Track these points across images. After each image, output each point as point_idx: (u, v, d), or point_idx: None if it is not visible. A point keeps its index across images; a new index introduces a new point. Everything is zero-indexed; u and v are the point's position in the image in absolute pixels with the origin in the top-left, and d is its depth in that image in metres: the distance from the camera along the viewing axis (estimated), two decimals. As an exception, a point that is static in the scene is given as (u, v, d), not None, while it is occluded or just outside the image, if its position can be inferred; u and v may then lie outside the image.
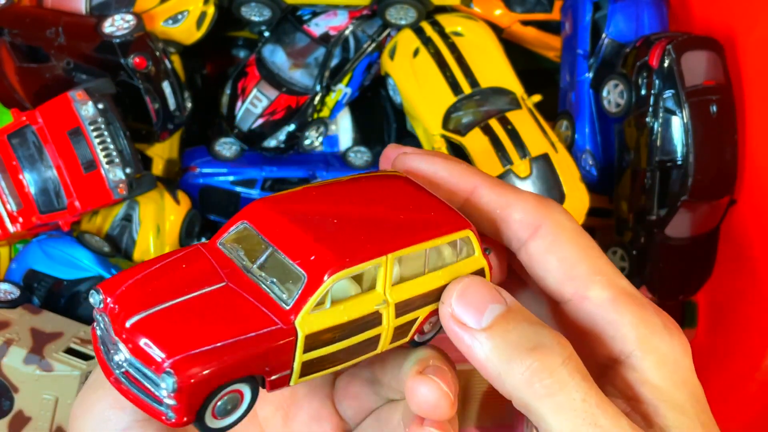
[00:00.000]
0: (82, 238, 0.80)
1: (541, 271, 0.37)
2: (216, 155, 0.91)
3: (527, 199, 0.38)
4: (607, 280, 0.37)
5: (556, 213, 0.38)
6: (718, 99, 0.79)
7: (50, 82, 0.82)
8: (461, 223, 0.36)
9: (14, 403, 0.69)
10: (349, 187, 0.38)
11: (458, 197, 0.39)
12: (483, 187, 0.38)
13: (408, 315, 0.35)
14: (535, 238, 0.37)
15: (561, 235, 0.37)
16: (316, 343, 0.32)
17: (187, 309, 0.32)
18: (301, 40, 0.91)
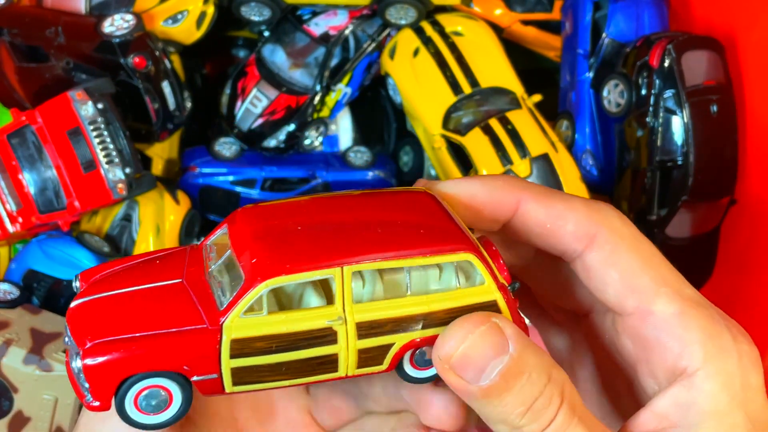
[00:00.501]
0: (81, 238, 0.80)
1: (600, 284, 0.35)
2: (216, 155, 0.91)
3: (578, 207, 0.36)
4: (673, 292, 0.35)
5: (612, 219, 0.36)
6: (719, 99, 0.78)
7: (50, 81, 0.81)
8: (460, 246, 0.32)
9: (14, 403, 0.69)
10: (353, 199, 0.35)
11: (502, 215, 0.36)
12: (528, 200, 0.36)
13: (376, 339, 0.32)
14: (591, 249, 0.35)
15: (620, 244, 0.35)
16: (247, 349, 0.31)
17: (127, 299, 0.32)
18: (301, 39, 0.91)
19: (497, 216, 0.36)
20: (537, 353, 0.32)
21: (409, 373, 0.34)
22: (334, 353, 0.32)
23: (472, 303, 0.33)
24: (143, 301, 0.32)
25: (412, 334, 0.32)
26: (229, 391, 0.32)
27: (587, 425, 0.32)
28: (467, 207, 0.36)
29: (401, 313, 0.32)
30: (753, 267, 0.81)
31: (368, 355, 0.32)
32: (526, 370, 0.32)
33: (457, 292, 0.33)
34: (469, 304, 0.33)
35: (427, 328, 0.32)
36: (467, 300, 0.33)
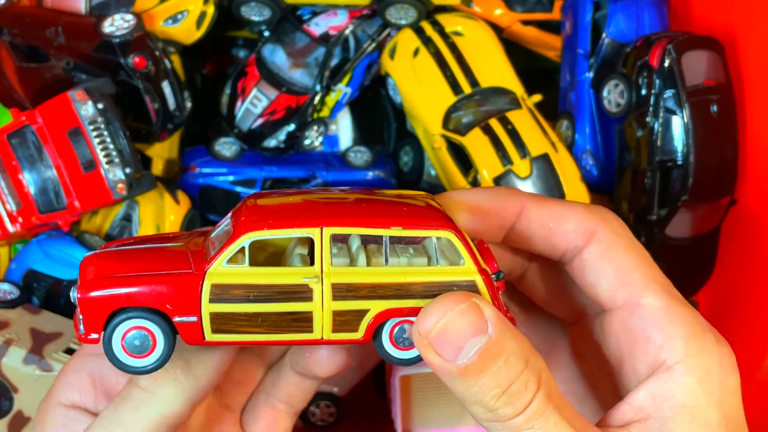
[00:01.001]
0: (81, 238, 0.80)
1: (594, 277, 0.37)
2: (216, 155, 0.91)
3: (578, 209, 0.38)
4: (661, 289, 0.37)
5: (610, 219, 0.38)
6: (719, 99, 0.78)
7: (50, 81, 0.81)
8: (441, 224, 0.34)
9: (14, 403, 0.69)
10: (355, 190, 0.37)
11: (507, 219, 0.38)
12: (531, 204, 0.38)
13: (352, 302, 0.33)
14: (591, 244, 0.37)
15: (616, 242, 0.37)
16: (225, 295, 0.33)
17: (131, 253, 0.35)
18: (301, 39, 0.91)
19: (502, 220, 0.38)
20: (516, 338, 0.33)
21: (389, 351, 0.35)
22: (309, 311, 0.34)
23: (450, 280, 0.33)
24: (143, 255, 0.35)
25: (387, 303, 0.33)
26: (209, 339, 0.34)
27: (563, 413, 0.33)
28: (474, 212, 0.38)
29: (377, 280, 0.33)
30: (753, 267, 0.81)
31: (343, 318, 0.34)
32: (503, 352, 0.32)
33: (436, 268, 0.34)
34: (446, 281, 0.33)
35: (402, 299, 0.33)
36: (445, 277, 0.34)
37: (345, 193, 0.37)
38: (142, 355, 0.34)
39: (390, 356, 0.35)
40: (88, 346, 0.39)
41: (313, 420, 0.84)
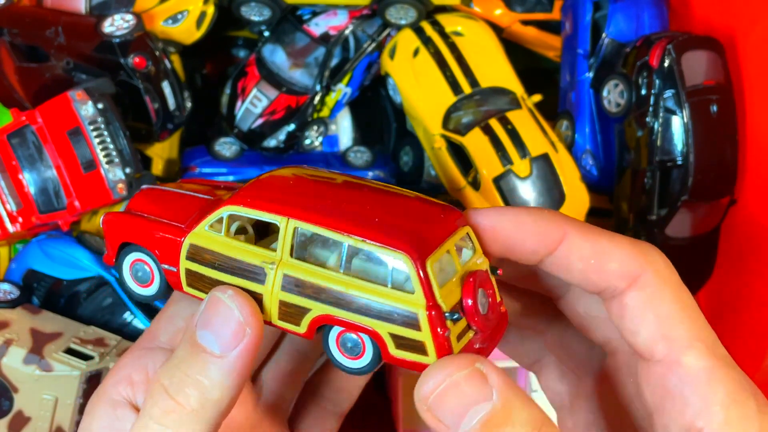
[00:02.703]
0: (81, 238, 0.80)
1: (634, 326, 0.34)
2: (216, 155, 0.91)
3: (624, 246, 0.35)
4: (706, 348, 0.34)
5: (657, 262, 0.35)
6: (719, 99, 0.78)
7: (50, 81, 0.81)
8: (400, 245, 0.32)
9: (14, 403, 0.69)
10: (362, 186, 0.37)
11: (546, 247, 0.35)
12: (574, 234, 0.35)
13: (297, 297, 0.33)
14: (633, 288, 0.34)
15: (662, 289, 0.34)
16: (197, 256, 0.35)
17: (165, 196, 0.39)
18: (301, 39, 0.91)
19: (541, 247, 0.35)
20: (525, 405, 0.31)
21: (335, 356, 0.34)
22: (260, 293, 0.34)
23: (391, 306, 0.32)
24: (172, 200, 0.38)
25: (326, 308, 0.33)
26: (185, 290, 0.36)
27: None
28: (511, 235, 0.35)
29: (322, 283, 0.33)
30: (753, 267, 0.81)
31: (288, 310, 0.34)
32: (509, 422, 0.30)
33: (384, 289, 0.32)
34: (387, 305, 0.32)
35: (341, 309, 0.33)
36: (388, 301, 0.32)
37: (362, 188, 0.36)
38: (145, 284, 0.38)
39: (336, 361, 0.34)
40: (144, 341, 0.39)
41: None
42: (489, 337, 0.34)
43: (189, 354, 0.33)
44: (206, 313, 0.33)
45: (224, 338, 0.33)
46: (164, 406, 0.33)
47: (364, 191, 0.36)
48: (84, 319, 0.76)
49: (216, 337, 0.33)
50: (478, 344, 0.33)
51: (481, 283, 0.33)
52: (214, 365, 0.33)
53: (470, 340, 0.33)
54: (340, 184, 0.36)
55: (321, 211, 0.33)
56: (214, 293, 0.34)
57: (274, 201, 0.34)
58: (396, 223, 0.33)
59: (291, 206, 0.34)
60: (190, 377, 0.33)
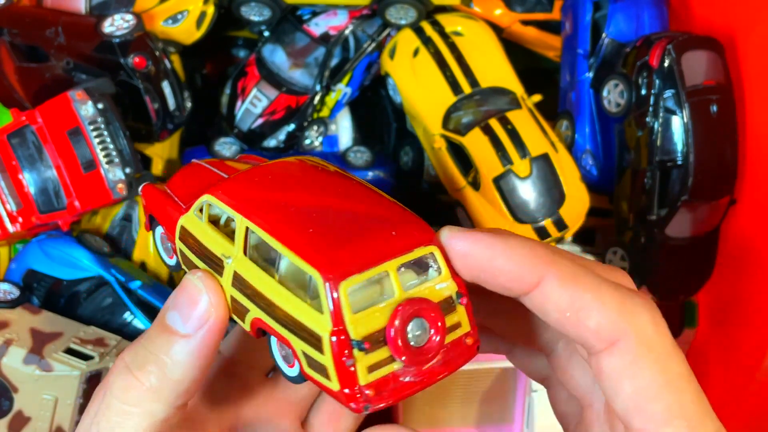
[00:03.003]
0: (81, 238, 0.80)
1: (610, 392, 0.31)
2: (215, 155, 0.91)
3: (606, 301, 0.31)
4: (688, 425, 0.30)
5: (643, 324, 0.31)
6: (719, 99, 0.78)
7: (50, 81, 0.81)
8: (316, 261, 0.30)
9: (14, 403, 0.68)
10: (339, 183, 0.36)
11: (519, 289, 0.32)
12: (552, 281, 0.31)
13: (241, 296, 0.33)
14: (611, 353, 0.30)
15: (643, 357, 0.30)
16: (184, 239, 0.36)
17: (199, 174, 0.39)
18: (301, 39, 0.91)
19: (514, 287, 0.32)
20: None
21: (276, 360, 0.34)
22: (221, 285, 0.34)
23: (302, 322, 0.31)
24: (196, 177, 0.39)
25: (259, 312, 0.33)
26: (183, 268, 0.37)
27: None
28: (483, 269, 0.32)
29: (258, 286, 0.32)
30: (753, 267, 0.81)
31: (236, 305, 0.34)
32: None
33: (302, 304, 0.31)
34: (299, 321, 0.31)
35: (268, 315, 0.32)
36: (301, 316, 0.31)
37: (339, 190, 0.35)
38: (170, 256, 0.39)
39: (277, 364, 0.34)
40: None
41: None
42: (429, 371, 0.31)
43: (155, 333, 0.33)
44: (176, 293, 0.33)
45: (189, 318, 0.33)
46: (124, 383, 0.33)
47: (338, 194, 0.34)
48: (84, 319, 0.76)
49: (182, 317, 0.33)
50: (409, 377, 0.31)
51: (419, 311, 0.31)
52: (177, 345, 0.32)
53: (394, 372, 0.31)
54: (321, 183, 0.35)
55: (270, 214, 0.32)
56: (186, 276, 0.34)
57: (239, 197, 0.34)
58: (333, 235, 0.31)
59: (249, 205, 0.33)
60: (153, 355, 0.33)
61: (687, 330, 0.90)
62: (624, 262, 0.86)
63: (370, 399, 0.30)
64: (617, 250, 0.87)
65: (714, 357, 0.85)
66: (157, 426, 0.33)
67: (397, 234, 0.32)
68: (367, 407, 0.30)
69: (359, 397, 0.30)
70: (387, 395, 0.30)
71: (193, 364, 0.33)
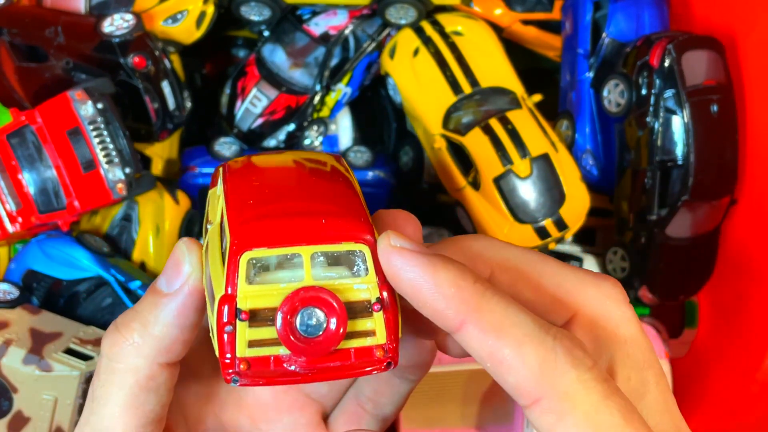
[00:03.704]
0: (81, 238, 0.80)
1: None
2: (215, 155, 0.91)
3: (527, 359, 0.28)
4: None
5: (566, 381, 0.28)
6: (719, 99, 0.78)
7: (49, 81, 0.81)
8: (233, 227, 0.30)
9: (13, 404, 0.68)
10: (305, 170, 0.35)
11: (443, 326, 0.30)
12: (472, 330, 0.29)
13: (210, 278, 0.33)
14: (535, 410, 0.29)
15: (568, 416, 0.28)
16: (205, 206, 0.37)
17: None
18: (301, 39, 0.91)
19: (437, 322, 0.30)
20: None
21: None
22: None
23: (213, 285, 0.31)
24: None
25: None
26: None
27: None
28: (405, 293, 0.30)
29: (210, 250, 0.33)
30: (753, 267, 0.81)
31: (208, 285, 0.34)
32: None
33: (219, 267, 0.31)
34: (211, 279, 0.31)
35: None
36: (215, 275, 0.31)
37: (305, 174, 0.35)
38: None
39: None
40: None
41: (313, 420, 0.84)
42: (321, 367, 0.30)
43: (145, 296, 0.35)
44: (168, 259, 0.35)
45: (171, 279, 0.34)
46: (111, 340, 0.34)
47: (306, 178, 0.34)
48: (84, 319, 0.76)
49: (167, 279, 0.34)
50: (294, 366, 0.30)
51: (320, 303, 0.29)
52: (160, 302, 0.34)
53: (278, 356, 0.30)
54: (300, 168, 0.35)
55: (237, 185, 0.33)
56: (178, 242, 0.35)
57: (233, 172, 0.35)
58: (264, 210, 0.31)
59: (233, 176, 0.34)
60: (138, 313, 0.34)
61: (687, 330, 0.90)
62: (624, 262, 0.86)
63: (243, 373, 0.30)
64: (617, 250, 0.87)
65: (714, 357, 0.85)
66: (142, 383, 0.34)
67: (326, 223, 0.31)
68: (235, 380, 0.30)
69: (231, 368, 0.29)
70: (262, 376, 0.30)
71: (174, 321, 0.34)
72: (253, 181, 0.33)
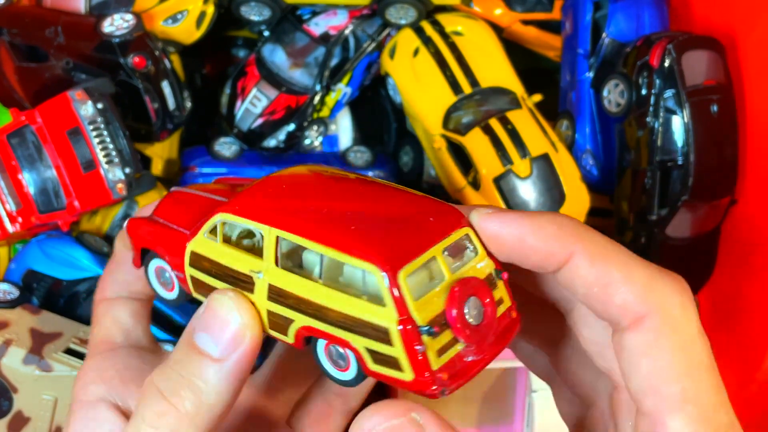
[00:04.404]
0: (81, 238, 0.80)
1: (627, 369, 0.31)
2: (215, 155, 0.91)
3: (635, 279, 0.31)
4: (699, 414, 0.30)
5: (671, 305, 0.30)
6: (719, 99, 0.78)
7: (49, 81, 0.81)
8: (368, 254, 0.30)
9: (13, 404, 0.68)
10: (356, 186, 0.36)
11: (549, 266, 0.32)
12: (580, 257, 0.31)
13: (281, 308, 0.32)
14: (634, 330, 0.30)
15: (666, 338, 0.30)
16: (198, 264, 0.35)
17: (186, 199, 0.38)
18: (301, 39, 0.91)
19: (544, 264, 0.32)
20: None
21: (325, 366, 0.33)
22: (252, 302, 0.33)
23: (363, 319, 0.30)
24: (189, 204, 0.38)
25: (307, 319, 0.32)
26: (194, 295, 0.36)
27: None
28: (514, 247, 0.32)
29: (303, 294, 0.32)
30: (753, 267, 0.81)
31: (275, 319, 0.33)
32: None
33: (358, 301, 0.31)
34: (360, 318, 0.30)
35: (320, 321, 0.32)
36: (360, 313, 0.30)
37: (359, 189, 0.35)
38: (168, 289, 0.38)
39: (326, 372, 0.33)
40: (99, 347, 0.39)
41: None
42: (488, 348, 0.32)
43: (186, 356, 0.32)
44: (205, 315, 0.32)
45: (223, 341, 0.32)
46: (158, 409, 0.32)
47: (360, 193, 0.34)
48: (84, 319, 0.76)
49: (214, 340, 0.32)
50: (471, 357, 0.31)
51: (472, 290, 0.31)
52: (211, 368, 0.32)
53: (458, 353, 0.31)
54: (339, 186, 0.35)
55: (302, 220, 0.32)
56: (213, 295, 0.33)
57: (259, 208, 0.33)
58: (374, 230, 0.31)
59: (274, 214, 0.33)
60: (186, 379, 0.32)
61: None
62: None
63: (445, 383, 0.30)
64: (617, 250, 0.87)
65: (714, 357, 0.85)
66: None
67: (434, 220, 0.32)
68: (444, 391, 0.30)
69: (435, 383, 0.30)
70: (458, 377, 0.31)
71: (228, 388, 0.32)
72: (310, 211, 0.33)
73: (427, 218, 0.32)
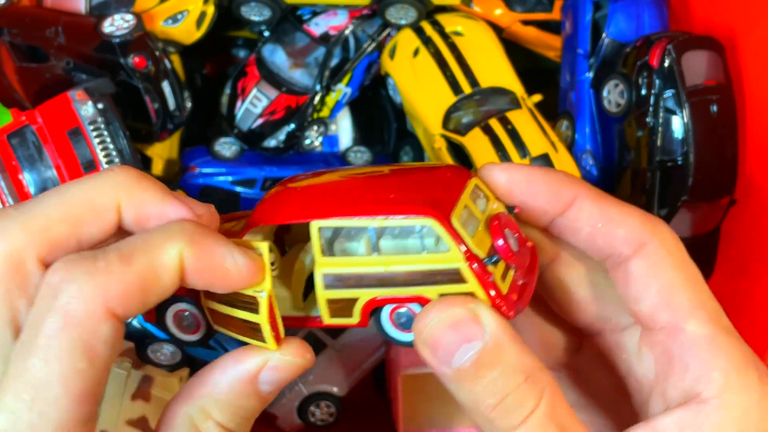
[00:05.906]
0: (81, 238, 0.80)
1: (638, 293, 0.35)
2: (216, 155, 0.91)
3: (633, 214, 0.36)
4: (708, 315, 0.34)
5: (664, 233, 0.36)
6: (719, 99, 0.78)
7: (50, 81, 0.81)
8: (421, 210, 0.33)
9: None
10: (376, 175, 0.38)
11: (556, 208, 0.36)
12: (584, 198, 0.36)
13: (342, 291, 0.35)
14: (638, 256, 0.35)
15: (667, 258, 0.35)
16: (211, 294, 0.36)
17: None
18: (301, 39, 0.91)
19: (552, 207, 0.36)
20: (517, 349, 0.31)
21: (390, 333, 0.35)
22: (257, 322, 0.34)
23: (431, 269, 0.33)
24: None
25: (372, 291, 0.34)
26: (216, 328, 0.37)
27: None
28: (524, 192, 0.36)
29: (361, 270, 0.34)
30: (753, 267, 0.81)
31: (337, 306, 0.34)
32: (500, 362, 0.31)
33: (421, 256, 0.33)
34: (427, 270, 0.33)
35: (387, 287, 0.33)
36: (429, 264, 0.33)
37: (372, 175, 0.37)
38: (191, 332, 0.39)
39: (392, 338, 0.35)
40: None
41: (313, 420, 0.84)
42: (528, 271, 0.35)
43: None
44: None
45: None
46: None
47: (375, 177, 0.37)
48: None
49: None
50: (521, 280, 0.35)
51: (505, 223, 0.34)
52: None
53: (513, 278, 0.34)
54: (354, 174, 0.37)
55: (338, 205, 0.34)
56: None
57: (284, 214, 0.35)
58: (411, 194, 0.34)
59: (306, 209, 0.34)
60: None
61: (687, 330, 0.90)
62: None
63: (517, 303, 0.33)
64: (617, 250, 0.87)
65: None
66: None
67: (451, 176, 0.36)
68: (518, 310, 0.33)
69: (508, 305, 0.33)
70: (523, 297, 0.34)
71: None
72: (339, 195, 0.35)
73: (445, 176, 0.36)
